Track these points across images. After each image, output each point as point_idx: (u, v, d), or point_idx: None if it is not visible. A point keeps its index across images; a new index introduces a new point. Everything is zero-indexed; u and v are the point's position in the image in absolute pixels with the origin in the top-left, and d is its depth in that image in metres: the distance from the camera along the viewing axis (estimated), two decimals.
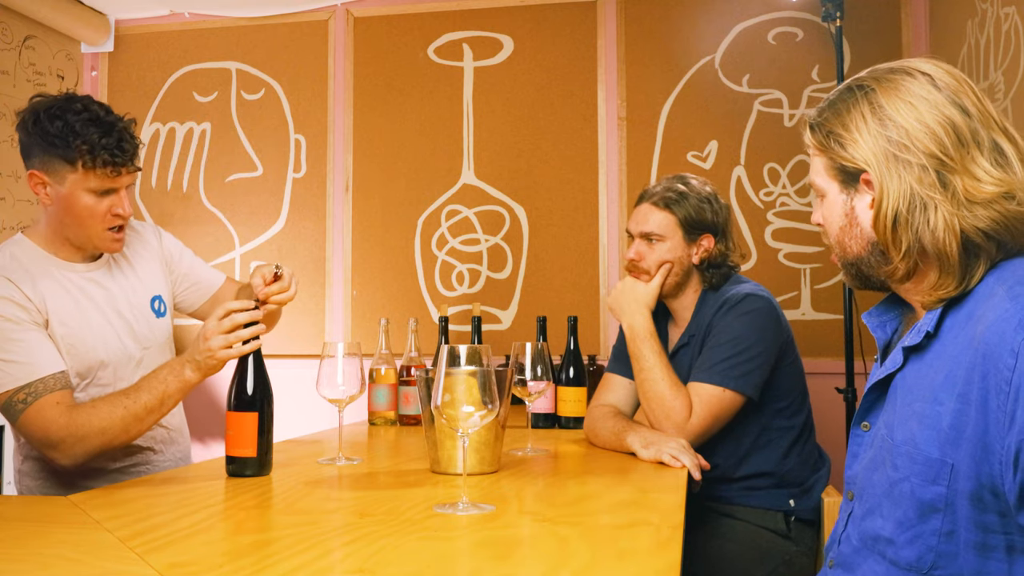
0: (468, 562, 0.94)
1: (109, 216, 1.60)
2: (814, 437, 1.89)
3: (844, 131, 1.04)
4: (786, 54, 2.96)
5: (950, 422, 0.92)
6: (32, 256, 1.63)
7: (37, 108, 1.56)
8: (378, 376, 2.21)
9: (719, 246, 1.86)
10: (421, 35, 3.24)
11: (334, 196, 3.27)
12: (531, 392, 1.67)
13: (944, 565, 0.93)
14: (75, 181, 1.55)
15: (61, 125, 1.52)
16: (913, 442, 0.96)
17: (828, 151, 1.06)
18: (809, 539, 1.79)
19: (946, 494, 0.92)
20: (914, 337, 1.01)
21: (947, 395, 0.93)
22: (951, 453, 0.92)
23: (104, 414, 1.50)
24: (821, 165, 1.09)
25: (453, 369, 1.17)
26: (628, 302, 1.84)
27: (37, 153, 1.56)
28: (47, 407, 1.49)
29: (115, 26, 3.44)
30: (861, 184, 1.03)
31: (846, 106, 1.05)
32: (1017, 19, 2.07)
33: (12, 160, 3.05)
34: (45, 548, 0.99)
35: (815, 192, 1.12)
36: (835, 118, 1.06)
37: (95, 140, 1.52)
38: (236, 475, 1.42)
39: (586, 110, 3.09)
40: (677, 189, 1.85)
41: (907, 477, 0.96)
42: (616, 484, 1.41)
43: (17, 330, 1.52)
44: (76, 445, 1.49)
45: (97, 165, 1.53)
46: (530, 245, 3.11)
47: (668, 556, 0.94)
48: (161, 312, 1.81)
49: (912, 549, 0.96)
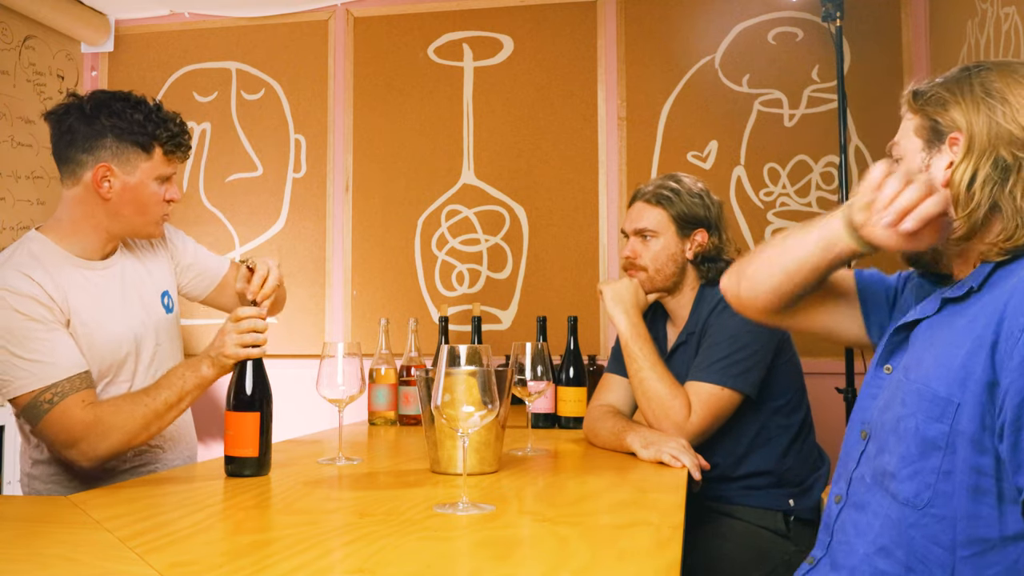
0: (468, 562, 0.94)
1: (163, 203, 1.69)
2: (813, 435, 1.89)
3: (950, 96, 1.07)
4: (786, 54, 2.96)
5: (961, 362, 0.96)
6: (50, 253, 1.62)
7: (106, 102, 1.61)
8: (378, 376, 2.22)
9: (712, 240, 1.87)
10: (421, 35, 3.24)
11: (334, 196, 3.27)
12: (531, 392, 1.67)
13: (940, 504, 0.96)
14: (147, 169, 1.63)
15: (142, 117, 1.61)
16: (925, 379, 1.00)
17: (927, 112, 1.10)
18: (809, 539, 1.79)
19: (948, 433, 0.95)
20: (957, 290, 1.05)
21: (966, 337, 0.97)
22: (957, 393, 0.95)
23: (126, 412, 1.51)
24: (912, 126, 1.12)
25: (453, 369, 1.17)
26: (615, 304, 1.85)
27: (109, 145, 1.60)
28: (73, 406, 1.50)
29: (115, 26, 3.44)
30: (946, 144, 1.07)
31: (956, 80, 1.09)
32: (1017, 19, 2.07)
33: (12, 160, 3.05)
34: (45, 548, 0.99)
35: (892, 152, 1.16)
36: (943, 87, 1.10)
37: (173, 127, 1.65)
38: (235, 475, 1.42)
39: (586, 110, 3.09)
40: (669, 186, 1.88)
41: (913, 413, 0.99)
42: (616, 484, 1.41)
43: (42, 330, 1.52)
44: (99, 443, 1.49)
45: (177, 151, 1.66)
46: (530, 245, 3.11)
47: (668, 556, 0.94)
48: (170, 308, 1.83)
49: (911, 484, 0.98)
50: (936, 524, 0.96)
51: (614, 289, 1.88)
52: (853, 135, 2.87)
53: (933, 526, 0.96)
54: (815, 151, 2.92)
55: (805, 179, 2.92)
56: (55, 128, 1.63)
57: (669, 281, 1.88)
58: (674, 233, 1.87)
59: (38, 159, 3.16)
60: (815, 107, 2.93)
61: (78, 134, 1.60)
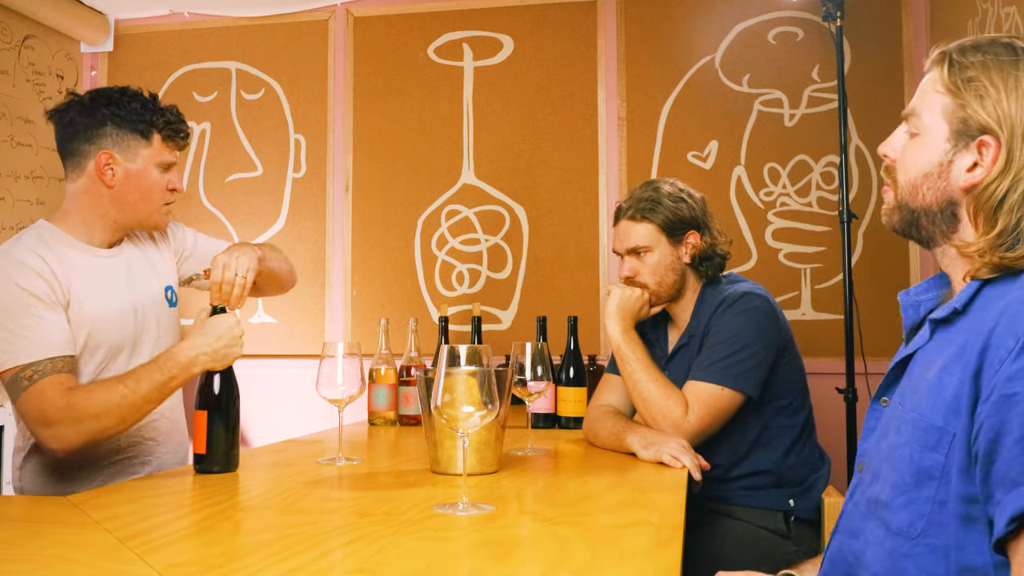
0: (468, 562, 0.94)
1: (166, 191, 1.73)
2: (815, 436, 1.89)
3: (990, 84, 0.95)
4: (786, 54, 2.96)
5: (954, 391, 0.92)
6: (57, 238, 1.66)
7: (105, 94, 1.68)
8: (378, 376, 2.21)
9: (705, 239, 1.87)
10: (421, 35, 3.24)
11: (334, 196, 3.27)
12: (531, 392, 1.67)
13: (934, 534, 0.93)
14: (148, 156, 1.69)
15: (139, 106, 1.68)
16: (919, 409, 0.96)
17: (960, 95, 0.98)
18: (809, 539, 1.79)
19: (944, 463, 0.92)
20: (942, 311, 1.00)
21: (956, 365, 0.93)
22: (953, 422, 0.92)
23: (101, 399, 1.50)
24: (940, 104, 1.00)
25: (453, 369, 1.17)
26: (617, 310, 1.85)
27: (109, 133, 1.66)
28: (50, 387, 1.50)
29: (115, 26, 3.44)
30: (975, 144, 0.97)
31: (1000, 63, 0.96)
32: (1018, 19, 2.07)
33: (12, 160, 3.05)
34: (45, 548, 0.99)
35: (909, 124, 1.05)
36: (983, 68, 0.97)
37: (169, 115, 1.71)
38: (203, 472, 1.44)
39: (586, 110, 3.09)
40: (648, 197, 1.87)
41: (908, 442, 0.97)
42: (616, 484, 1.41)
43: (39, 307, 1.55)
44: (71, 428, 1.48)
45: (175, 137, 1.72)
46: (530, 245, 3.10)
47: (668, 556, 0.93)
48: (173, 302, 1.85)
49: (905, 514, 0.96)
50: (930, 554, 0.93)
51: (623, 297, 1.86)
52: (853, 135, 2.87)
53: (926, 556, 0.93)
54: (815, 151, 2.92)
55: (805, 179, 2.92)
56: (57, 124, 1.69)
57: (672, 290, 1.88)
58: (666, 243, 1.86)
59: (38, 159, 3.16)
60: (815, 107, 2.93)
61: (79, 126, 1.66)
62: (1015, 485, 0.83)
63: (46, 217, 1.71)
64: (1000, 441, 0.85)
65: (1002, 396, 0.85)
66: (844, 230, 2.55)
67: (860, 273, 2.77)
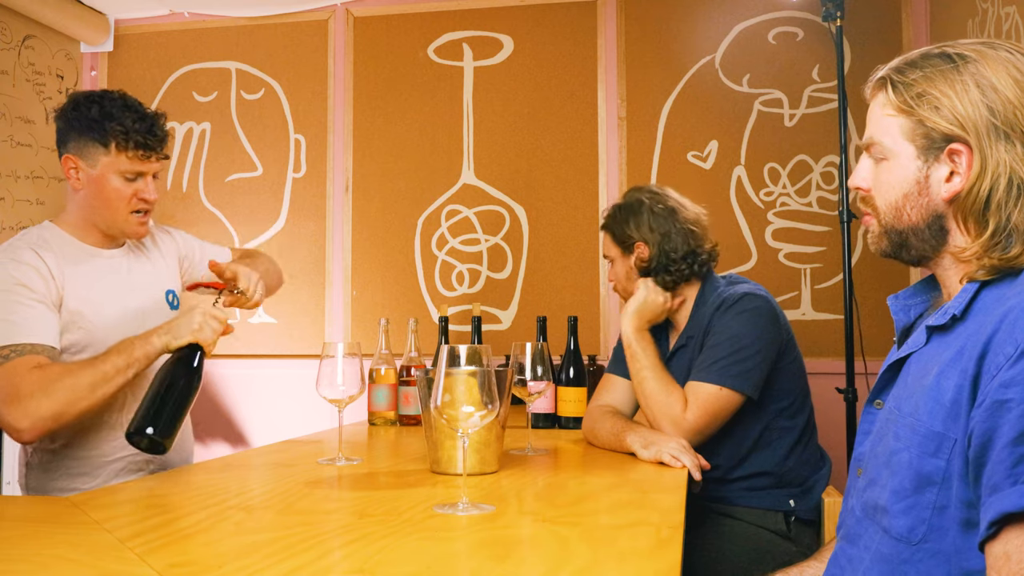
0: (468, 562, 0.94)
1: (135, 200, 1.70)
2: (816, 437, 1.89)
3: (941, 95, 0.96)
4: (786, 54, 2.96)
5: (952, 397, 0.92)
6: (58, 238, 1.70)
7: (76, 97, 1.69)
8: (378, 376, 2.21)
9: (664, 247, 1.83)
10: (421, 35, 3.24)
11: (334, 196, 3.26)
12: (531, 392, 1.67)
13: (935, 540, 0.93)
14: (107, 164, 1.67)
15: (98, 110, 1.65)
16: (916, 414, 0.96)
17: (914, 113, 0.99)
18: (809, 539, 1.79)
19: (945, 468, 0.92)
20: (939, 318, 0.99)
21: (954, 370, 0.93)
22: (953, 428, 0.91)
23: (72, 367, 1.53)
24: (897, 127, 1.01)
25: (453, 369, 1.17)
26: (637, 309, 1.86)
27: (73, 137, 1.68)
28: (23, 364, 1.52)
29: (114, 26, 3.44)
30: (945, 154, 0.97)
31: (941, 72, 0.97)
32: (1018, 19, 2.07)
33: (12, 160, 3.05)
34: (45, 548, 0.99)
35: (872, 153, 1.06)
36: (928, 81, 0.98)
37: (129, 124, 1.65)
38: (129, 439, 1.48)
39: (586, 110, 3.09)
40: (613, 207, 1.94)
41: (907, 447, 0.96)
42: (616, 484, 1.40)
43: (31, 298, 1.58)
44: (43, 400, 1.48)
45: (130, 147, 1.65)
46: (530, 245, 3.10)
47: (668, 556, 0.93)
48: (175, 306, 1.88)
49: (905, 519, 0.95)
50: (930, 560, 0.93)
51: (646, 301, 1.85)
52: (853, 135, 2.87)
53: (927, 562, 0.93)
54: (815, 151, 2.92)
55: (805, 179, 2.92)
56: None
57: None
58: (620, 253, 1.92)
59: (37, 159, 3.16)
60: (815, 107, 2.93)
61: (58, 131, 1.71)
62: (997, 489, 0.84)
63: (51, 218, 1.75)
64: (990, 445, 0.85)
65: (995, 402, 0.85)
66: (844, 230, 2.55)
67: (860, 273, 2.77)
